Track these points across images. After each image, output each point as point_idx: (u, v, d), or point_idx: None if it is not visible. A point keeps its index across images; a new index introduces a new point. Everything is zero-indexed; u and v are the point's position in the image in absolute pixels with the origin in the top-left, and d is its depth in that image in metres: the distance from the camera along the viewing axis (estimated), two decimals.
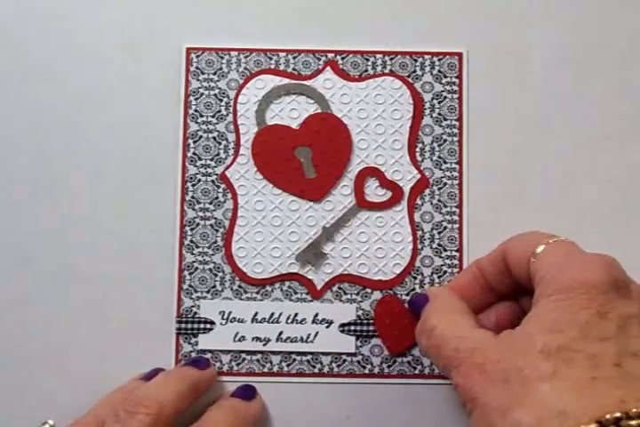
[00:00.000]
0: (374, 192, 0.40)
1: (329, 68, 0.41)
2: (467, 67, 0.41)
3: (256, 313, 0.39)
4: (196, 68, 0.40)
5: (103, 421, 0.33)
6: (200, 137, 0.40)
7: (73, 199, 0.40)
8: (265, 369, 0.39)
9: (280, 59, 0.41)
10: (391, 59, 0.41)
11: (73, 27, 0.41)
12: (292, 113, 0.40)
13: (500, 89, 0.41)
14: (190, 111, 0.40)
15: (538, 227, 0.35)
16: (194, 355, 0.39)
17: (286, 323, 0.39)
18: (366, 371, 0.39)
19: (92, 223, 0.40)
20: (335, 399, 0.39)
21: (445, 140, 0.40)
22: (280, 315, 0.39)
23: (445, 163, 0.40)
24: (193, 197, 0.40)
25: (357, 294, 0.39)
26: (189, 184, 0.40)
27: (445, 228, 0.40)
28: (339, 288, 0.40)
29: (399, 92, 0.40)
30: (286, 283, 0.40)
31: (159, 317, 0.39)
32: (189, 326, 0.39)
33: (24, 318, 0.39)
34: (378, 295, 0.39)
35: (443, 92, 0.41)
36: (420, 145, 0.40)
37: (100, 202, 0.40)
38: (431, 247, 0.40)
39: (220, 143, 0.40)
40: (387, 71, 0.41)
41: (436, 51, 0.41)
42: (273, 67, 0.40)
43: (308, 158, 0.40)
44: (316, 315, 0.39)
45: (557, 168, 0.40)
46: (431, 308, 0.34)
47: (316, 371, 0.39)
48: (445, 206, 0.40)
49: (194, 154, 0.40)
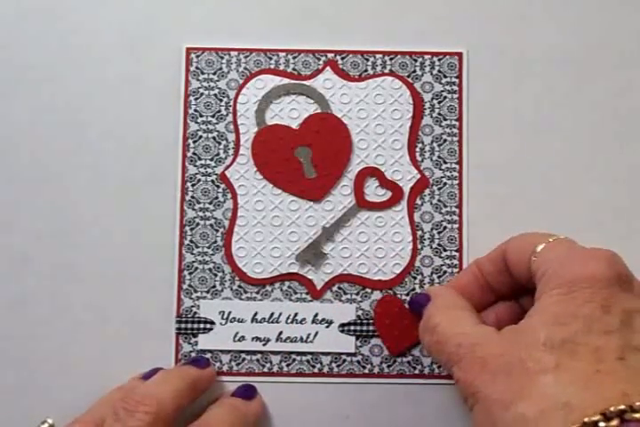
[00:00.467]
0: (374, 192, 0.40)
1: (329, 68, 0.41)
2: (467, 67, 0.41)
3: (256, 313, 0.39)
4: (196, 67, 0.40)
5: (103, 419, 0.33)
6: (200, 137, 0.40)
7: (73, 199, 0.40)
8: (265, 369, 0.39)
9: (280, 59, 0.41)
10: (391, 59, 0.41)
11: (73, 27, 0.41)
12: (291, 113, 0.40)
13: (500, 89, 0.41)
14: (190, 111, 0.40)
15: (538, 227, 0.35)
16: (194, 355, 0.39)
17: (286, 323, 0.39)
18: (366, 371, 0.39)
19: (92, 223, 0.40)
20: (335, 399, 0.39)
21: (445, 140, 0.40)
22: (280, 315, 0.39)
23: (445, 163, 0.40)
24: (193, 196, 0.40)
25: (357, 294, 0.39)
26: (189, 184, 0.40)
27: (445, 228, 0.40)
28: (338, 288, 0.40)
29: (399, 92, 0.40)
30: (286, 283, 0.40)
31: (159, 317, 0.39)
32: (189, 325, 0.39)
33: (24, 318, 0.39)
34: (378, 295, 0.39)
35: (443, 91, 0.41)
36: (420, 145, 0.40)
37: (100, 202, 0.40)
38: (431, 247, 0.40)
39: (220, 143, 0.40)
40: (387, 71, 0.41)
41: (436, 51, 0.41)
42: (273, 67, 0.40)
43: (307, 158, 0.40)
44: (316, 315, 0.39)
45: (557, 168, 0.40)
46: (433, 306, 0.34)
47: (316, 371, 0.39)
48: (445, 206, 0.40)
49: (194, 154, 0.40)
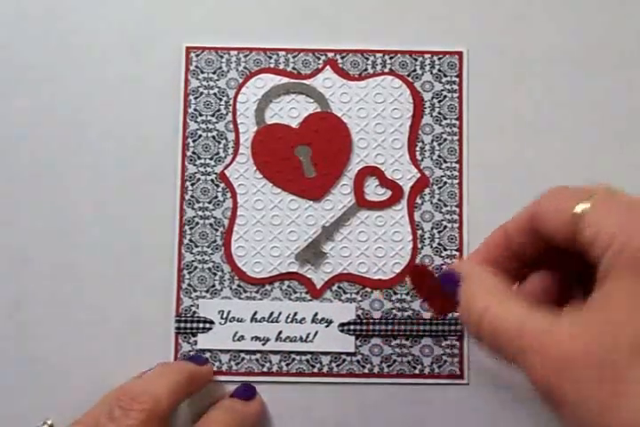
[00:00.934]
0: (374, 191, 0.40)
1: (328, 67, 0.41)
2: (467, 66, 0.41)
3: (255, 312, 0.39)
4: (196, 67, 0.40)
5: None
6: (199, 136, 0.40)
7: (73, 199, 0.40)
8: (264, 369, 0.39)
9: (280, 58, 0.41)
10: (391, 58, 0.41)
11: (73, 27, 0.41)
12: (291, 112, 0.40)
13: (500, 88, 0.41)
14: (190, 110, 0.40)
15: None
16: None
17: (286, 322, 0.39)
18: (366, 371, 0.39)
19: (91, 223, 0.40)
20: (335, 399, 0.39)
21: (445, 140, 0.40)
22: (279, 314, 0.39)
23: (445, 162, 0.40)
24: (192, 196, 0.40)
25: (357, 294, 0.39)
26: (189, 183, 0.40)
27: (445, 227, 0.40)
28: (338, 287, 0.39)
29: (399, 92, 0.40)
30: (286, 282, 0.40)
31: (158, 316, 0.39)
32: (188, 325, 0.39)
33: (24, 318, 0.39)
34: (377, 295, 0.39)
35: (443, 91, 0.41)
36: (420, 144, 0.40)
37: (100, 202, 0.40)
38: (431, 247, 0.40)
39: (220, 142, 0.40)
40: (386, 70, 0.41)
41: (436, 50, 0.41)
42: (272, 66, 0.40)
43: (307, 157, 0.40)
44: (316, 314, 0.39)
45: (557, 168, 0.40)
46: (470, 289, 0.29)
47: (316, 371, 0.39)
48: (445, 206, 0.40)
49: (193, 153, 0.40)
